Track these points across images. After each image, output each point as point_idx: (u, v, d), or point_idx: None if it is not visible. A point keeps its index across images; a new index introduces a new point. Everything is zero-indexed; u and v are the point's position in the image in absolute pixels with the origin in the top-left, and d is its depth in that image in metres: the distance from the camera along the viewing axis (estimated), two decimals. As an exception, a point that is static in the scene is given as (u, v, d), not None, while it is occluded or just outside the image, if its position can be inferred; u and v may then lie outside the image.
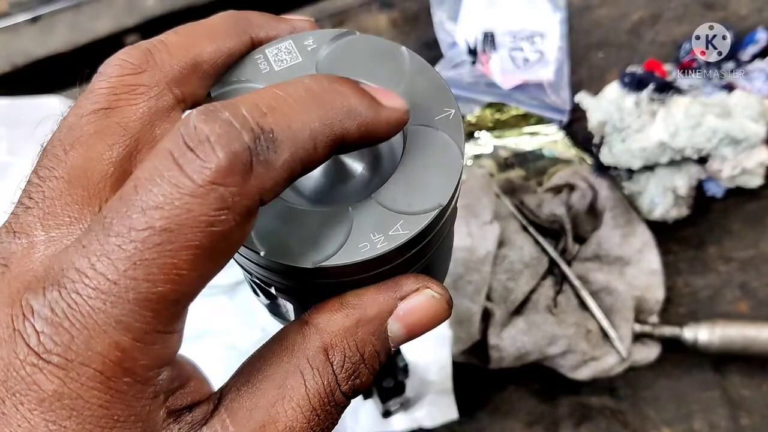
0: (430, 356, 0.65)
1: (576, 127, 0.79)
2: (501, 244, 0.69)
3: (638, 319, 0.69)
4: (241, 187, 0.21)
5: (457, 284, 0.67)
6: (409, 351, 0.63)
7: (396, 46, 0.30)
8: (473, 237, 0.68)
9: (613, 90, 0.71)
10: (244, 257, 0.28)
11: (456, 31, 0.82)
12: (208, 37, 0.29)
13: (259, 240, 0.26)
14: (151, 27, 0.85)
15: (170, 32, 0.29)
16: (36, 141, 0.28)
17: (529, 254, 0.69)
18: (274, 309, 0.34)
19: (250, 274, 0.30)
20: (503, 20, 0.81)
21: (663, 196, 0.70)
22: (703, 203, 0.74)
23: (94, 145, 0.26)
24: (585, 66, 0.81)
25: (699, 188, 0.73)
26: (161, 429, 0.23)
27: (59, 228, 0.25)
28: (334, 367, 0.25)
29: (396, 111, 0.26)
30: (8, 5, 0.86)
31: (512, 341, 0.66)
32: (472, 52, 0.80)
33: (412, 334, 0.27)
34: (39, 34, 0.84)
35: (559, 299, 0.69)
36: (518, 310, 0.68)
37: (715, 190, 0.74)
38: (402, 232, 0.26)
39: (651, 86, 0.69)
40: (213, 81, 0.29)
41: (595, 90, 0.74)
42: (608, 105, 0.70)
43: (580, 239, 0.72)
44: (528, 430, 0.70)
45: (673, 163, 0.70)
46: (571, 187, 0.73)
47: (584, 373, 0.67)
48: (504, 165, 0.78)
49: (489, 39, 0.80)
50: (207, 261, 0.22)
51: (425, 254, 0.29)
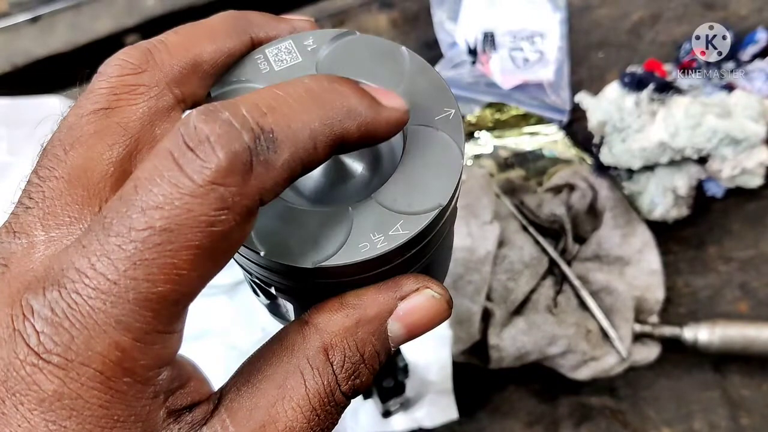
0: (430, 356, 0.65)
1: (576, 127, 0.79)
2: (501, 244, 0.69)
3: (638, 319, 0.69)
4: (241, 187, 0.21)
5: (457, 284, 0.67)
6: (409, 351, 0.63)
7: (396, 46, 0.30)
8: (473, 237, 0.68)
9: (613, 90, 0.71)
10: (244, 257, 0.28)
11: (456, 31, 0.82)
12: (208, 37, 0.29)
13: (259, 240, 0.26)
14: (151, 27, 0.85)
15: (170, 32, 0.29)
16: (36, 141, 0.28)
17: (529, 254, 0.69)
18: (274, 309, 0.34)
19: (250, 274, 0.30)
20: (503, 20, 0.81)
21: (663, 196, 0.70)
22: (703, 203, 0.74)
23: (94, 145, 0.26)
24: (585, 66, 0.81)
25: (699, 188, 0.73)
26: (161, 429, 0.23)
27: (59, 228, 0.25)
28: (334, 367, 0.25)
29: (396, 111, 0.26)
30: (8, 5, 0.86)
31: (512, 341, 0.66)
32: (472, 52, 0.80)
33: (412, 334, 0.27)
34: (39, 34, 0.84)
35: (559, 299, 0.69)
36: (518, 310, 0.68)
37: (715, 190, 0.73)
38: (402, 232, 0.26)
39: (651, 86, 0.69)
40: (213, 81, 0.29)
41: (595, 90, 0.74)
42: (608, 105, 0.70)
43: (580, 239, 0.72)
44: (528, 430, 0.70)
45: (673, 163, 0.70)
46: (571, 187, 0.73)
47: (584, 373, 0.67)
48: (504, 165, 0.78)
49: (489, 39, 0.80)
50: (207, 261, 0.22)
51: (425, 254, 0.29)
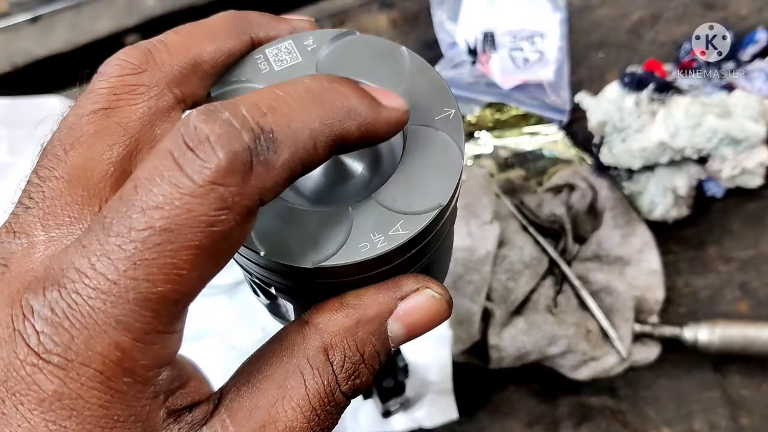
0: (430, 356, 0.65)
1: (576, 127, 0.79)
2: (501, 244, 0.69)
3: (638, 319, 0.69)
4: (241, 187, 0.21)
5: (457, 284, 0.67)
6: (409, 351, 0.63)
7: (396, 46, 0.30)
8: (473, 237, 0.68)
9: (613, 90, 0.71)
10: (244, 257, 0.28)
11: (456, 31, 0.82)
12: (208, 37, 0.29)
13: (259, 240, 0.26)
14: (151, 27, 0.85)
15: (170, 32, 0.29)
16: (36, 141, 0.28)
17: (529, 254, 0.69)
18: (274, 309, 0.34)
19: (250, 274, 0.30)
20: (503, 20, 0.81)
21: (663, 196, 0.70)
22: (703, 203, 0.74)
23: (94, 145, 0.26)
24: (585, 66, 0.81)
25: (699, 188, 0.73)
26: (161, 429, 0.23)
27: (59, 228, 0.25)
28: (334, 367, 0.25)
29: (396, 111, 0.26)
30: (8, 5, 0.86)
31: (512, 341, 0.66)
32: (472, 52, 0.80)
33: (412, 334, 0.27)
34: (39, 34, 0.84)
35: (559, 299, 0.69)
36: (518, 310, 0.68)
37: (715, 190, 0.73)
38: (402, 232, 0.26)
39: (651, 86, 0.69)
40: (213, 81, 0.29)
41: (595, 90, 0.74)
42: (608, 105, 0.70)
43: (580, 239, 0.72)
44: (528, 430, 0.70)
45: (673, 163, 0.70)
46: (571, 187, 0.73)
47: (584, 373, 0.67)
48: (504, 165, 0.78)
49: (489, 39, 0.80)
50: (207, 261, 0.22)
51: (425, 254, 0.29)
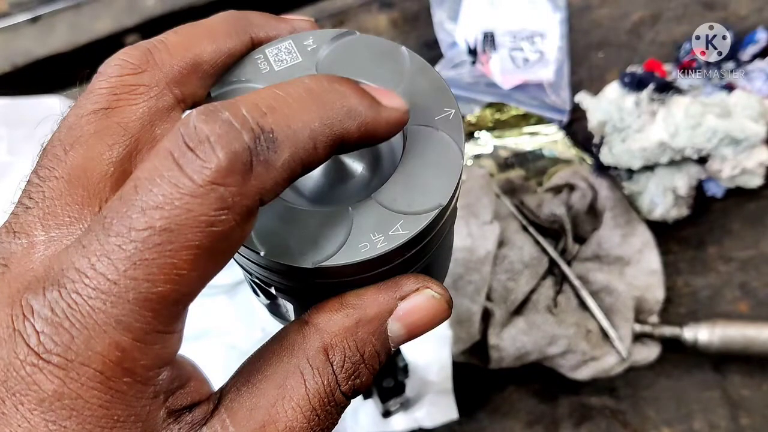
0: (430, 356, 0.65)
1: (576, 127, 0.79)
2: (501, 244, 0.69)
3: (638, 319, 0.69)
4: (241, 187, 0.21)
5: (457, 284, 0.67)
6: (409, 351, 0.63)
7: (396, 46, 0.30)
8: (473, 237, 0.68)
9: (613, 90, 0.71)
10: (244, 257, 0.28)
11: (456, 31, 0.82)
12: (208, 37, 0.29)
13: (259, 240, 0.26)
14: (151, 27, 0.85)
15: (170, 32, 0.29)
16: (36, 141, 0.28)
17: (529, 254, 0.69)
18: (274, 309, 0.34)
19: (250, 274, 0.30)
20: (503, 20, 0.81)
21: (663, 196, 0.70)
22: (703, 203, 0.74)
23: (94, 145, 0.26)
24: (585, 66, 0.81)
25: (699, 188, 0.73)
26: (161, 429, 0.23)
27: (59, 228, 0.25)
28: (334, 367, 0.25)
29: (396, 111, 0.26)
30: (8, 5, 0.86)
31: (512, 341, 0.66)
32: (472, 52, 0.80)
33: (412, 334, 0.27)
34: (39, 34, 0.84)
35: (559, 299, 0.69)
36: (518, 310, 0.68)
37: (715, 190, 0.73)
38: (402, 232, 0.26)
39: (651, 86, 0.69)
40: (213, 81, 0.29)
41: (595, 90, 0.74)
42: (608, 105, 0.70)
43: (580, 239, 0.72)
44: (528, 430, 0.70)
45: (673, 163, 0.70)
46: (571, 187, 0.73)
47: (584, 373, 0.67)
48: (504, 165, 0.78)
49: (489, 39, 0.80)
50: (207, 261, 0.22)
51: (425, 254, 0.29)
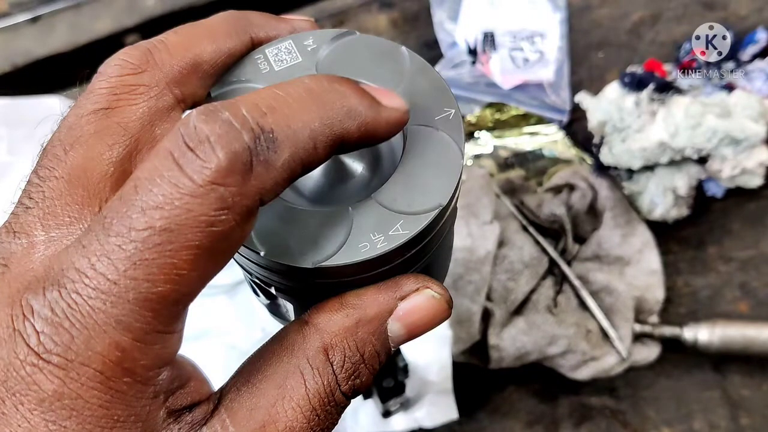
0: (430, 356, 0.65)
1: (576, 127, 0.79)
2: (501, 244, 0.69)
3: (638, 319, 0.69)
4: (241, 187, 0.21)
5: (457, 284, 0.67)
6: (409, 351, 0.63)
7: (396, 46, 0.30)
8: (473, 237, 0.68)
9: (613, 90, 0.71)
10: (244, 257, 0.28)
11: (456, 31, 0.82)
12: (208, 37, 0.29)
13: (259, 240, 0.26)
14: (151, 27, 0.85)
15: (170, 32, 0.29)
16: (36, 141, 0.28)
17: (529, 254, 0.69)
18: (274, 309, 0.34)
19: (250, 274, 0.30)
20: (503, 20, 0.81)
21: (663, 196, 0.70)
22: (703, 203, 0.74)
23: (94, 145, 0.26)
24: (585, 66, 0.81)
25: (699, 188, 0.73)
26: (161, 429, 0.23)
27: (59, 228, 0.25)
28: (334, 367, 0.25)
29: (396, 111, 0.26)
30: (8, 5, 0.86)
31: (512, 341, 0.66)
32: (472, 52, 0.80)
33: (412, 334, 0.27)
34: (39, 34, 0.84)
35: (559, 299, 0.69)
36: (518, 310, 0.68)
37: (715, 190, 0.73)
38: (402, 232, 0.26)
39: (651, 86, 0.69)
40: (213, 81, 0.29)
41: (595, 90, 0.74)
42: (608, 105, 0.70)
43: (580, 239, 0.72)
44: (528, 430, 0.70)
45: (673, 163, 0.70)
46: (571, 187, 0.73)
47: (584, 373, 0.67)
48: (504, 165, 0.78)
49: (489, 39, 0.80)
50: (207, 261, 0.22)
51: (425, 254, 0.29)
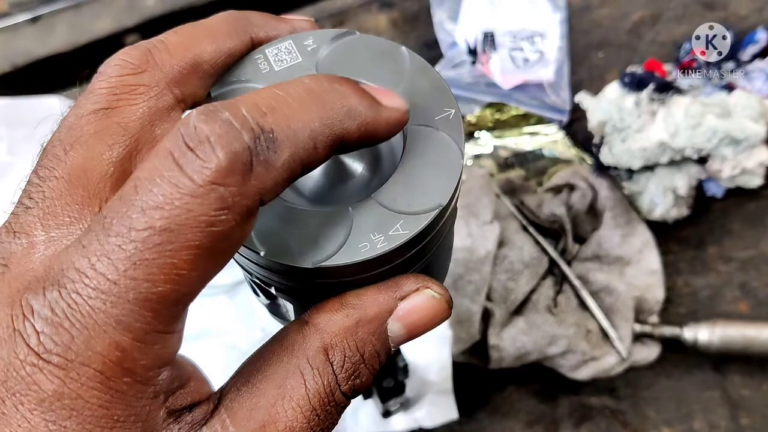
0: (430, 356, 0.65)
1: (576, 127, 0.79)
2: (501, 244, 0.69)
3: (638, 319, 0.69)
4: (241, 187, 0.21)
5: (457, 284, 0.67)
6: (409, 351, 0.63)
7: (396, 46, 0.30)
8: (473, 237, 0.68)
9: (613, 90, 0.71)
10: (244, 257, 0.28)
11: (456, 31, 0.82)
12: (208, 37, 0.29)
13: (259, 240, 0.26)
14: (151, 27, 0.85)
15: (170, 32, 0.29)
16: (36, 141, 0.28)
17: (529, 254, 0.69)
18: (274, 309, 0.34)
19: (250, 274, 0.30)
20: (503, 20, 0.81)
21: (663, 196, 0.70)
22: (703, 203, 0.74)
23: (94, 145, 0.26)
24: (585, 66, 0.81)
25: (699, 188, 0.73)
26: (161, 429, 0.23)
27: (59, 228, 0.25)
28: (334, 367, 0.25)
29: (396, 111, 0.26)
30: (8, 5, 0.86)
31: (512, 341, 0.66)
32: (472, 52, 0.80)
33: (412, 334, 0.27)
34: (39, 34, 0.84)
35: (559, 299, 0.69)
36: (518, 310, 0.68)
37: (715, 190, 0.73)
38: (402, 232, 0.26)
39: (651, 86, 0.69)
40: (213, 81, 0.29)
41: (595, 90, 0.74)
42: (608, 105, 0.70)
43: (580, 239, 0.72)
44: (528, 430, 0.70)
45: (673, 163, 0.70)
46: (571, 187, 0.73)
47: (584, 373, 0.67)
48: (504, 165, 0.78)
49: (489, 39, 0.80)
50: (207, 261, 0.22)
51: (425, 254, 0.29)
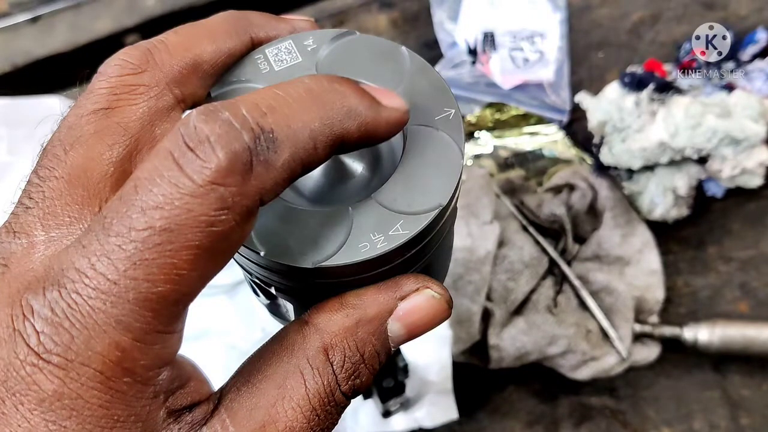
0: (430, 356, 0.65)
1: (576, 127, 0.79)
2: (501, 244, 0.69)
3: (638, 319, 0.69)
4: (241, 187, 0.21)
5: (457, 284, 0.67)
6: (409, 351, 0.63)
7: (396, 46, 0.30)
8: (473, 237, 0.68)
9: (613, 90, 0.71)
10: (244, 257, 0.28)
11: (456, 31, 0.82)
12: (208, 37, 0.29)
13: (259, 240, 0.26)
14: (151, 27, 0.85)
15: (170, 32, 0.29)
16: (36, 141, 0.28)
17: (529, 254, 0.69)
18: (274, 309, 0.34)
19: (250, 274, 0.30)
20: (503, 20, 0.81)
21: (663, 196, 0.70)
22: (703, 203, 0.74)
23: (94, 145, 0.26)
24: (585, 66, 0.81)
25: (699, 188, 0.73)
26: (161, 429, 0.23)
27: (59, 228, 0.25)
28: (334, 367, 0.25)
29: (396, 111, 0.26)
30: (8, 5, 0.86)
31: (512, 341, 0.66)
32: (472, 52, 0.80)
33: (412, 334, 0.27)
34: (39, 34, 0.84)
35: (559, 299, 0.69)
36: (518, 310, 0.68)
37: (715, 190, 0.73)
38: (402, 232, 0.26)
39: (651, 86, 0.69)
40: (213, 81, 0.29)
41: (595, 90, 0.74)
42: (608, 105, 0.70)
43: (580, 239, 0.72)
44: (528, 430, 0.70)
45: (673, 163, 0.70)
46: (571, 187, 0.73)
47: (584, 373, 0.67)
48: (504, 165, 0.78)
49: (489, 39, 0.80)
50: (207, 261, 0.22)
51: (425, 254, 0.29)
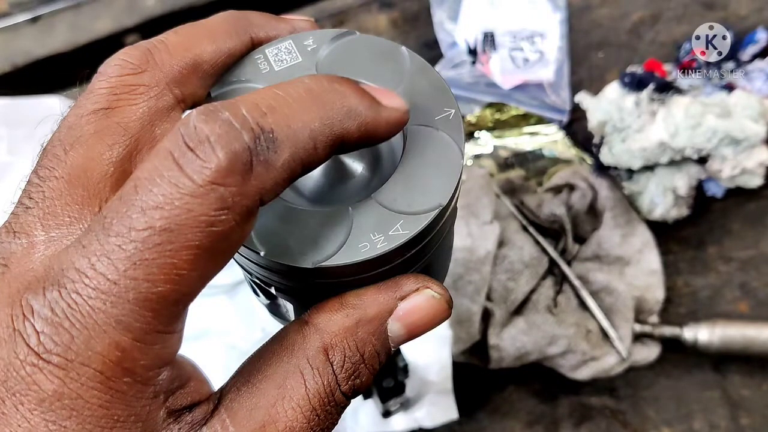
0: (430, 356, 0.65)
1: (576, 127, 0.79)
2: (501, 244, 0.69)
3: (638, 319, 0.69)
4: (241, 187, 0.21)
5: (457, 284, 0.67)
6: (409, 351, 0.63)
7: (396, 46, 0.30)
8: (473, 237, 0.68)
9: (613, 90, 0.71)
10: (244, 257, 0.28)
11: (456, 31, 0.82)
12: (208, 37, 0.29)
13: (259, 240, 0.26)
14: (151, 27, 0.85)
15: (170, 32, 0.29)
16: (36, 141, 0.28)
17: (529, 254, 0.69)
18: (274, 309, 0.34)
19: (250, 274, 0.30)
20: (503, 20, 0.81)
21: (663, 196, 0.70)
22: (703, 203, 0.74)
23: (94, 145, 0.26)
24: (585, 66, 0.81)
25: (699, 188, 0.73)
26: (161, 429, 0.23)
27: (59, 228, 0.25)
28: (334, 367, 0.25)
29: (396, 111, 0.26)
30: (8, 5, 0.86)
31: (512, 341, 0.66)
32: (472, 52, 0.80)
33: (412, 334, 0.27)
34: (39, 34, 0.84)
35: (559, 299, 0.69)
36: (518, 310, 0.68)
37: (715, 190, 0.73)
38: (402, 232, 0.26)
39: (651, 86, 0.69)
40: (213, 81, 0.29)
41: (595, 90, 0.74)
42: (608, 105, 0.70)
43: (580, 239, 0.72)
44: (528, 430, 0.70)
45: (673, 163, 0.70)
46: (571, 187, 0.73)
47: (584, 373, 0.67)
48: (504, 165, 0.78)
49: (489, 39, 0.80)
50: (207, 261, 0.22)
51: (425, 254, 0.29)
